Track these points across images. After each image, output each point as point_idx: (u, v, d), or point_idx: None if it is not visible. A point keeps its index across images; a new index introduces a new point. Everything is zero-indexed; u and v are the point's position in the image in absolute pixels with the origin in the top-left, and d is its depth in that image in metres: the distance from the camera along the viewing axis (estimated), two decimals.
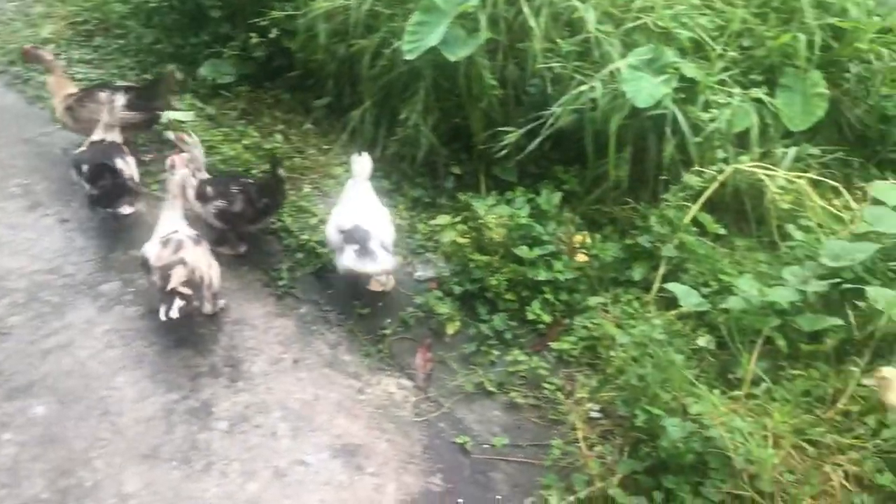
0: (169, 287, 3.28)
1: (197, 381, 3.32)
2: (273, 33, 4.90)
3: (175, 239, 3.45)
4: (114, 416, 3.14)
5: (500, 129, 4.07)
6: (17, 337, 3.46)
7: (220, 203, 3.86)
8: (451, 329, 3.60)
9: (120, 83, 4.75)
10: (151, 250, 3.46)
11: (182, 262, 3.35)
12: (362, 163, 3.83)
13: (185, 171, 3.65)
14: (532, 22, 3.86)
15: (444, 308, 3.59)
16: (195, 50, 5.45)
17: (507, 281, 3.64)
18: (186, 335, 3.53)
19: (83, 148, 4.11)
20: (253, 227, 4.00)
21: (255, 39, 5.01)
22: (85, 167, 3.96)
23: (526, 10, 3.89)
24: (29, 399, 3.18)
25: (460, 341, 3.57)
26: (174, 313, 3.23)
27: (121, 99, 4.17)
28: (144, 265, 3.49)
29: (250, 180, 3.98)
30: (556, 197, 3.93)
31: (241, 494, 2.87)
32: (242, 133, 4.86)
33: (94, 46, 5.74)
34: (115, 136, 4.15)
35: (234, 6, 5.28)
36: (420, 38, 3.97)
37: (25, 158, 4.64)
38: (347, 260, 3.48)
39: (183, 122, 4.86)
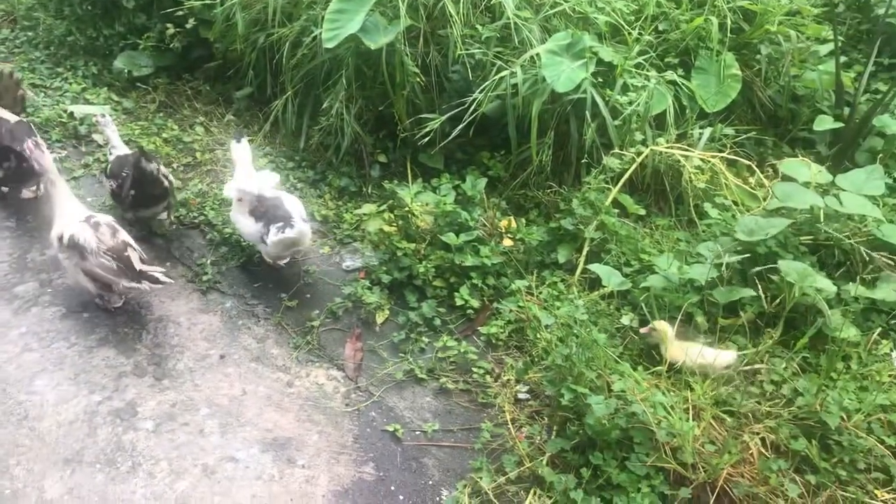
0: (139, 269, 3.30)
1: (121, 380, 3.24)
2: (190, 23, 4.81)
3: (102, 223, 3.42)
4: (33, 421, 3.04)
5: (423, 116, 4.09)
6: None
7: (111, 183, 3.88)
8: (380, 318, 3.59)
9: None
10: (81, 232, 3.35)
11: (129, 244, 3.38)
12: (243, 149, 3.81)
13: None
14: (451, 8, 3.86)
15: (372, 297, 3.59)
16: (109, 42, 5.30)
17: (435, 268, 3.65)
18: (108, 334, 3.44)
19: None
20: (135, 213, 3.90)
21: (171, 30, 4.91)
22: None
23: None
24: None
25: (390, 330, 3.57)
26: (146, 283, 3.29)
27: None
28: (74, 247, 3.34)
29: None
30: (482, 183, 3.96)
31: (170, 494, 2.82)
32: (161, 126, 4.76)
33: (1, 39, 5.50)
34: None
35: None
36: (339, 25, 3.94)
37: None
38: (277, 236, 3.49)
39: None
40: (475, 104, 3.86)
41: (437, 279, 3.67)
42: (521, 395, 3.20)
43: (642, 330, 3.20)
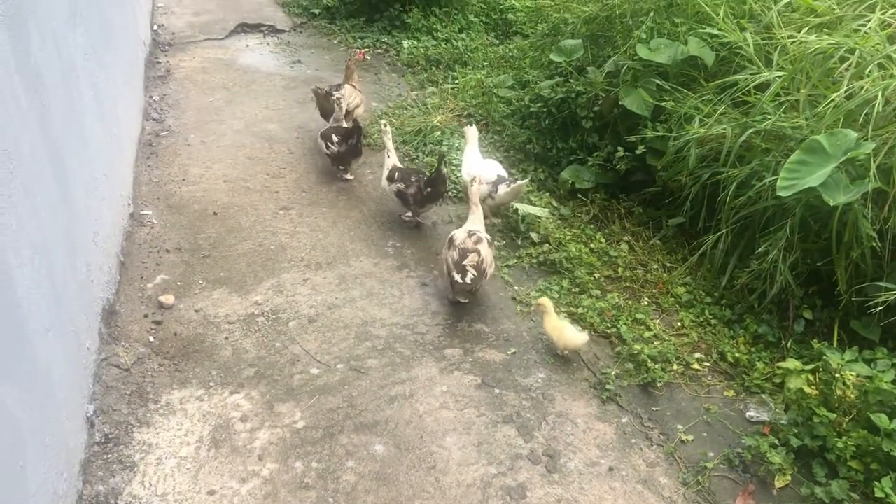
0: (464, 263, 4.22)
1: (516, 461, 3.47)
2: (640, 150, 5.12)
3: (477, 235, 4.40)
4: (439, 473, 3.39)
5: (870, 283, 3.82)
6: (372, 378, 3.90)
7: (400, 185, 5.10)
8: (779, 482, 3.36)
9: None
10: (459, 235, 4.43)
11: (477, 251, 4.27)
12: (473, 131, 5.40)
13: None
14: None
15: (776, 457, 3.38)
16: (560, 154, 5.87)
17: (855, 447, 3.32)
18: (513, 415, 3.72)
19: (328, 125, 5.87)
20: (420, 208, 5.15)
21: (620, 153, 5.27)
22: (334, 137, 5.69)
23: None
24: (372, 436, 3.55)
25: (788, 497, 3.32)
26: (465, 279, 4.20)
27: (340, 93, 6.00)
28: (450, 242, 4.43)
29: (423, 174, 5.11)
30: None
31: None
32: (591, 237, 5.09)
33: None
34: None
35: (605, 120, 5.62)
36: (798, 176, 3.88)
37: (401, 225, 5.30)
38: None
39: (538, 217, 5.23)
40: None
41: (855, 460, 3.33)
42: None
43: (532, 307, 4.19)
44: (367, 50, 6.94)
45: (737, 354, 4.06)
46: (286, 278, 4.63)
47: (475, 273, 4.19)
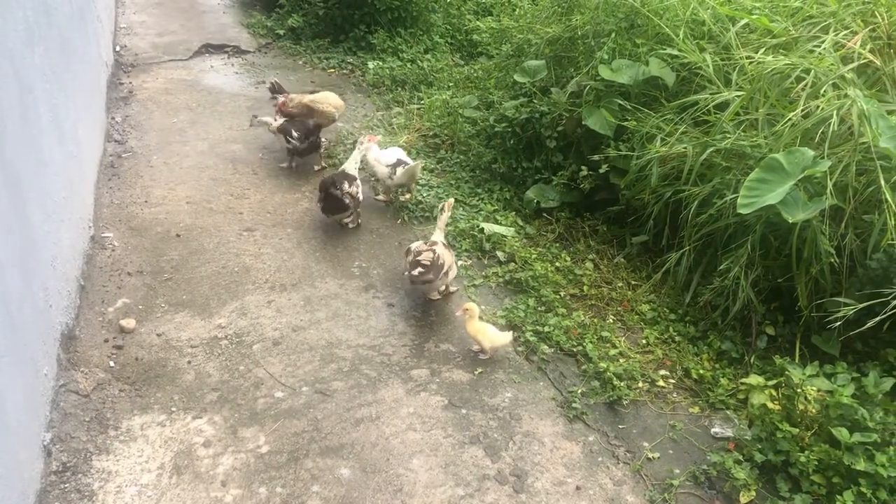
0: (414, 259, 4.44)
1: (483, 482, 3.45)
2: (603, 168, 5.17)
3: (432, 240, 4.69)
4: (405, 496, 3.35)
5: (829, 298, 3.88)
6: (337, 401, 3.86)
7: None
8: (744, 497, 3.38)
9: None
10: (415, 244, 4.68)
11: (433, 251, 4.48)
12: (369, 145, 5.65)
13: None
14: (888, 196, 3.67)
15: (740, 473, 3.40)
16: (525, 173, 5.90)
17: (818, 461, 3.36)
18: (480, 435, 3.70)
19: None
20: (329, 213, 5.34)
21: (584, 172, 5.32)
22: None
23: (882, 182, 3.71)
24: (338, 460, 3.51)
25: None
26: (414, 272, 4.37)
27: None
28: (407, 252, 4.65)
29: (329, 187, 5.22)
30: (887, 383, 3.59)
31: None
32: (556, 255, 5.12)
33: (439, 158, 6.43)
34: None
35: (569, 139, 5.67)
36: (758, 194, 3.95)
37: (367, 246, 5.28)
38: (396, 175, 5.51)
39: (504, 236, 5.24)
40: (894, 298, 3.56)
41: (817, 474, 3.37)
42: None
43: (458, 313, 4.28)
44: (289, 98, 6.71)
45: (701, 371, 4.10)
46: (250, 300, 4.58)
47: (427, 264, 4.39)
